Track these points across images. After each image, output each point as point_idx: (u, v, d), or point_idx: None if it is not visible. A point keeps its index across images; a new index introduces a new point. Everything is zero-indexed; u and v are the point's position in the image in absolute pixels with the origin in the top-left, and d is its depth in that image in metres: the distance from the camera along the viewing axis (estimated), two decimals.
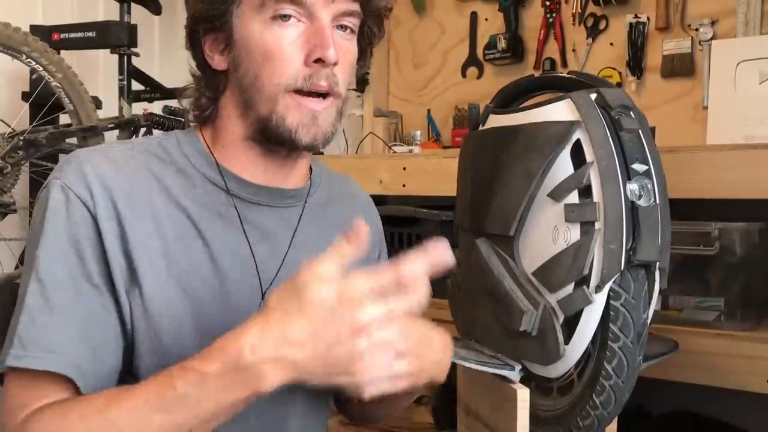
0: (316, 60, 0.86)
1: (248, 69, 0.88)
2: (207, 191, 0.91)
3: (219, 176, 0.92)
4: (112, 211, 0.84)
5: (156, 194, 0.88)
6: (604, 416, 0.97)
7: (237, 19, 0.88)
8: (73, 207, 0.83)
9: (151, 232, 0.86)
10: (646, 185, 0.95)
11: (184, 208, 0.89)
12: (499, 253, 1.09)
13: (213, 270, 0.89)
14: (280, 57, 0.86)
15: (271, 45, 0.86)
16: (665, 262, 0.97)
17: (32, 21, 2.05)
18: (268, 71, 0.86)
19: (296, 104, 0.87)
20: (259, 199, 0.93)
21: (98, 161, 0.87)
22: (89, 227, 0.83)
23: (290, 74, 0.86)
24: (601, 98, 0.99)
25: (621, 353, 0.94)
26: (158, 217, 0.87)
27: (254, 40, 0.87)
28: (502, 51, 2.09)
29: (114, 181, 0.86)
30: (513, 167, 1.07)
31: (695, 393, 1.38)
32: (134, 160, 0.89)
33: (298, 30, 0.86)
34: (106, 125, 1.92)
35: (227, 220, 0.91)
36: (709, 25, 1.78)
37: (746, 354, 1.21)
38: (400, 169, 1.67)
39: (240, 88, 0.90)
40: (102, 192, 0.84)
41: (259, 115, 0.89)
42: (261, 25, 0.86)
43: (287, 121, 0.87)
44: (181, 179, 0.90)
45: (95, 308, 0.83)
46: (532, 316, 1.00)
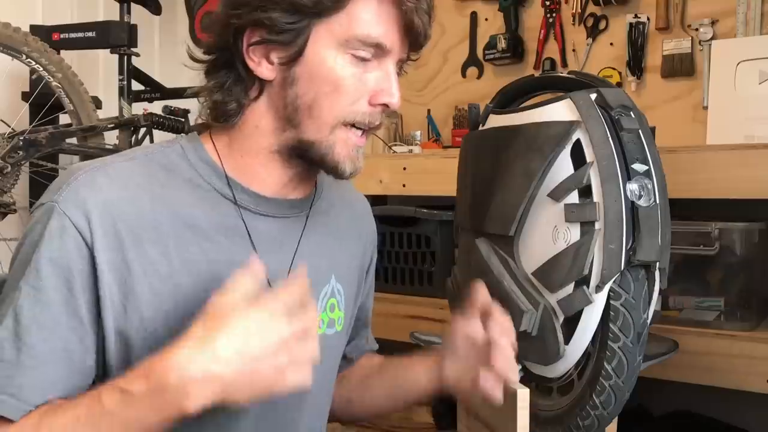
0: (381, 103, 0.87)
1: (307, 92, 0.87)
2: (215, 203, 0.89)
3: (227, 188, 0.90)
4: (114, 238, 0.82)
5: (161, 212, 0.85)
6: (604, 416, 0.97)
7: (312, 41, 0.86)
8: (68, 236, 0.80)
9: (155, 256, 0.84)
10: (646, 185, 0.95)
11: (191, 224, 0.87)
12: (499, 253, 1.09)
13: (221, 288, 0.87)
14: (347, 92, 0.86)
15: (344, 80, 0.86)
16: (665, 262, 0.97)
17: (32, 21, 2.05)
18: (330, 101, 0.86)
19: (346, 137, 0.88)
20: (265, 210, 0.92)
21: (100, 182, 0.83)
22: (83, 258, 0.81)
23: (353, 110, 0.87)
24: (601, 98, 0.99)
25: (621, 353, 0.94)
26: (163, 238, 0.85)
27: (326, 68, 0.86)
28: (502, 51, 2.09)
29: (116, 204, 0.83)
30: (513, 167, 1.07)
31: (695, 393, 1.38)
32: (137, 175, 0.86)
33: (368, 68, 0.87)
34: (106, 125, 1.92)
35: (235, 232, 0.90)
36: (709, 25, 1.78)
37: (746, 354, 1.21)
38: (400, 169, 1.67)
39: (286, 105, 0.88)
40: (102, 219, 0.82)
41: (303, 137, 0.88)
42: (338, 57, 0.86)
43: (335, 151, 0.88)
44: (188, 191, 0.88)
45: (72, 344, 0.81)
46: (532, 316, 1.00)
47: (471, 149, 1.21)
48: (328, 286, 0.99)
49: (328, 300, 0.99)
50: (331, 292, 0.99)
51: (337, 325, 1.00)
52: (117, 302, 0.82)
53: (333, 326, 0.99)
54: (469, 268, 1.18)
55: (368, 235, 1.10)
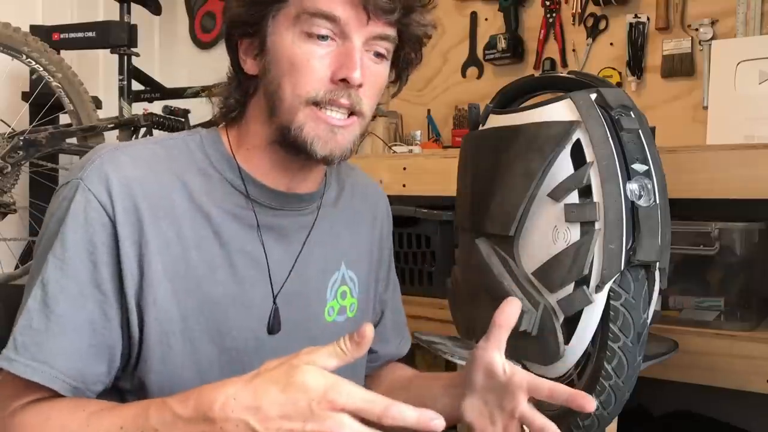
0: (341, 79, 0.86)
1: (275, 77, 0.89)
2: (227, 194, 0.92)
3: (240, 180, 0.93)
4: (133, 215, 0.85)
5: (178, 195, 0.89)
6: (604, 416, 0.97)
7: (272, 28, 0.89)
8: (92, 210, 0.84)
9: (171, 236, 0.87)
10: (646, 185, 0.95)
11: (205, 211, 0.90)
12: (499, 253, 1.09)
13: (230, 273, 0.90)
14: (305, 69, 0.87)
15: (300, 57, 0.87)
16: (665, 262, 0.97)
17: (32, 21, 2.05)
18: (291, 82, 0.87)
19: (314, 116, 0.87)
20: (276, 204, 0.94)
21: (123, 160, 0.87)
22: (107, 232, 0.84)
23: (312, 87, 0.86)
24: (601, 98, 0.99)
25: (621, 353, 0.94)
26: (179, 219, 0.88)
27: (284, 50, 0.88)
28: (502, 51, 2.09)
29: (137, 181, 0.86)
30: (513, 167, 1.07)
31: (695, 393, 1.38)
32: (158, 157, 0.90)
33: (329, 48, 0.87)
34: (106, 125, 1.92)
35: (245, 222, 0.92)
36: (709, 25, 1.78)
37: (746, 354, 1.21)
38: (400, 169, 1.67)
39: (266, 95, 0.91)
40: (123, 195, 0.85)
41: (281, 122, 0.89)
42: (293, 37, 0.87)
43: (304, 131, 0.87)
44: (202, 180, 0.91)
45: (96, 316, 0.84)
46: (532, 316, 1.00)
47: (471, 149, 1.21)
48: (338, 273, 1.01)
49: (338, 288, 1.01)
50: (341, 279, 1.02)
51: (349, 312, 1.02)
52: (136, 276, 0.85)
53: (344, 313, 1.02)
54: (469, 268, 1.18)
55: (383, 220, 1.12)
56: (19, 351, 0.80)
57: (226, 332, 0.90)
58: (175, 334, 0.87)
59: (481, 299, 1.13)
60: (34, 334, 0.81)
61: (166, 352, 0.87)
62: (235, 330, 0.91)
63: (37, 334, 0.81)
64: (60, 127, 1.89)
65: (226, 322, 0.90)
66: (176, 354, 0.87)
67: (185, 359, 0.88)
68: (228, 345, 0.91)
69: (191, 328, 0.88)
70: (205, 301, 0.89)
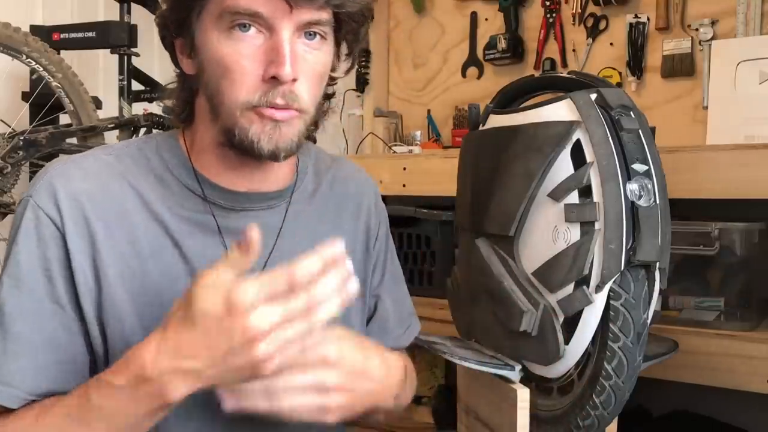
0: (272, 77, 0.82)
1: (210, 79, 0.86)
2: (184, 199, 0.90)
3: (196, 183, 0.90)
4: (84, 227, 0.84)
5: (132, 205, 0.87)
6: (605, 416, 0.97)
7: (198, 27, 0.86)
8: (42, 226, 0.83)
9: (126, 248, 0.85)
10: (646, 185, 0.95)
11: (161, 219, 0.88)
12: (499, 253, 1.09)
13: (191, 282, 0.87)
14: (237, 72, 0.83)
15: (228, 59, 0.83)
16: (665, 262, 0.97)
17: (32, 21, 2.05)
18: (227, 86, 0.84)
19: (257, 117, 0.84)
20: (238, 205, 0.91)
21: (71, 174, 0.86)
22: (58, 246, 0.83)
23: (247, 91, 0.83)
24: (601, 98, 0.99)
25: (621, 353, 0.94)
26: (134, 230, 0.86)
27: (213, 50, 0.84)
28: (502, 51, 2.08)
29: (87, 194, 0.85)
30: (513, 167, 1.07)
31: (695, 393, 1.38)
32: (110, 168, 0.88)
33: (256, 42, 0.83)
34: (106, 125, 1.92)
35: (205, 228, 0.90)
36: (709, 25, 1.78)
37: (746, 354, 1.21)
38: (400, 169, 1.67)
39: (206, 96, 0.88)
40: (72, 208, 0.83)
41: (224, 125, 0.86)
42: (218, 35, 0.83)
43: (249, 132, 0.84)
44: (159, 186, 0.89)
45: (59, 332, 0.82)
46: (532, 316, 1.00)
47: (471, 149, 1.21)
48: None
49: None
50: None
51: None
52: (93, 290, 0.84)
53: None
54: (469, 268, 1.18)
55: (369, 211, 1.08)
56: None
57: None
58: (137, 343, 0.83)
59: (481, 299, 1.13)
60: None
61: None
62: None
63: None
64: (60, 127, 1.89)
65: None
66: None
67: None
68: None
69: None
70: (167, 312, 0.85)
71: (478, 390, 1.14)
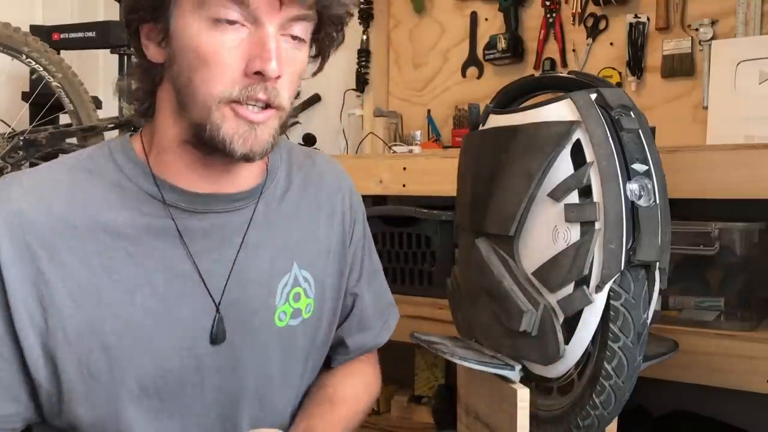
0: (256, 72, 0.79)
1: (183, 70, 0.81)
2: (142, 203, 0.85)
3: (155, 188, 0.85)
4: (24, 252, 0.79)
5: (79, 218, 0.82)
6: (605, 416, 0.97)
7: (175, 12, 0.80)
8: None
9: (75, 266, 0.81)
10: (646, 185, 0.95)
11: (115, 230, 0.83)
12: (499, 253, 1.09)
13: (150, 293, 0.84)
14: (216, 64, 0.78)
15: (208, 49, 0.78)
16: (665, 262, 0.97)
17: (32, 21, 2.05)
18: (202, 77, 0.79)
19: (232, 114, 0.80)
20: (200, 208, 0.87)
21: (12, 195, 0.81)
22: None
23: (226, 84, 0.79)
24: (601, 98, 0.99)
25: (621, 353, 0.94)
26: (84, 245, 0.81)
27: (190, 39, 0.79)
28: (502, 51, 2.08)
29: (26, 214, 0.80)
30: (513, 167, 1.07)
31: (695, 393, 1.38)
32: (58, 182, 0.83)
33: (239, 35, 0.79)
34: (106, 125, 1.92)
35: (165, 234, 0.85)
36: (709, 25, 1.78)
37: (746, 354, 1.21)
38: (400, 169, 1.67)
39: (175, 88, 0.83)
40: (10, 232, 0.79)
41: (193, 120, 0.82)
42: (200, 24, 0.79)
43: (222, 131, 0.80)
44: (113, 194, 0.84)
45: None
46: (532, 316, 1.00)
47: (471, 149, 1.21)
48: (289, 275, 0.94)
49: (290, 290, 0.94)
50: (293, 281, 0.94)
51: (305, 313, 0.95)
52: (38, 317, 0.79)
53: (299, 315, 0.95)
54: (469, 268, 1.18)
55: (344, 210, 1.04)
56: None
57: (157, 353, 0.83)
58: (96, 363, 0.81)
59: (480, 299, 1.13)
60: None
61: (91, 385, 0.81)
62: (167, 350, 0.84)
63: None
64: (60, 127, 1.89)
65: (154, 343, 0.83)
66: (103, 385, 0.81)
67: (114, 389, 0.82)
68: (164, 366, 0.84)
69: (116, 357, 0.81)
70: (127, 326, 0.82)
71: (478, 390, 1.14)
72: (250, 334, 0.90)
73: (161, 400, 0.84)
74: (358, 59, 2.30)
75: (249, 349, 0.90)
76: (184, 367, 0.86)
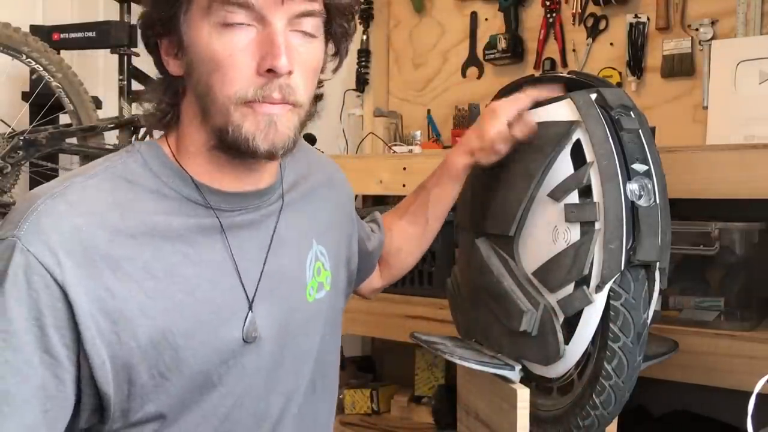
0: (268, 70, 0.80)
1: (200, 77, 0.83)
2: (185, 207, 0.86)
3: (195, 192, 0.87)
4: (87, 268, 0.78)
5: (134, 226, 0.82)
6: (605, 416, 0.97)
7: (186, 24, 0.83)
8: (34, 274, 0.75)
9: (138, 275, 0.81)
10: (646, 185, 0.95)
11: (166, 234, 0.84)
12: (499, 253, 1.09)
13: (208, 288, 0.86)
14: (229, 66, 0.80)
15: (220, 53, 0.80)
16: (665, 262, 0.97)
17: (32, 21, 2.05)
18: (218, 81, 0.81)
19: (251, 112, 0.82)
20: (237, 206, 0.90)
21: (61, 210, 0.79)
22: (53, 296, 0.76)
23: (241, 85, 0.81)
24: (601, 98, 0.99)
25: (621, 353, 0.94)
26: (141, 253, 0.81)
27: (203, 46, 0.81)
28: (502, 51, 2.08)
29: (83, 230, 0.78)
30: (513, 167, 1.07)
31: (695, 393, 1.38)
32: (101, 193, 0.82)
33: (248, 35, 0.81)
34: (106, 125, 1.92)
35: (212, 232, 0.87)
36: (709, 25, 1.78)
37: (746, 354, 1.21)
38: (400, 169, 1.67)
39: (196, 96, 0.85)
40: (70, 251, 0.77)
41: (215, 125, 0.84)
42: (209, 30, 0.81)
43: (244, 129, 0.82)
44: (156, 201, 0.85)
45: (47, 380, 0.77)
46: (532, 316, 1.00)
47: None
48: (312, 251, 0.99)
49: (315, 264, 0.99)
50: (315, 256, 0.99)
51: (326, 286, 1.01)
52: (107, 331, 0.78)
53: (322, 289, 1.00)
54: (469, 268, 1.18)
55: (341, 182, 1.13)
56: None
57: (220, 345, 0.86)
58: (166, 364, 0.82)
59: (481, 299, 1.14)
60: None
61: (160, 383, 0.82)
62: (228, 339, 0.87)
63: None
64: (60, 127, 1.89)
65: (218, 335, 0.86)
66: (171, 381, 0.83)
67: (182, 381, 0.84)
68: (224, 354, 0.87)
69: (184, 356, 0.83)
70: (193, 326, 0.84)
71: (478, 390, 1.14)
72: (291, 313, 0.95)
73: (223, 385, 0.88)
74: (358, 59, 2.30)
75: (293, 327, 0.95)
76: (243, 352, 0.89)
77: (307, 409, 0.97)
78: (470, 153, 1.12)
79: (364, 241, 1.16)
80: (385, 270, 1.24)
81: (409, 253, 1.23)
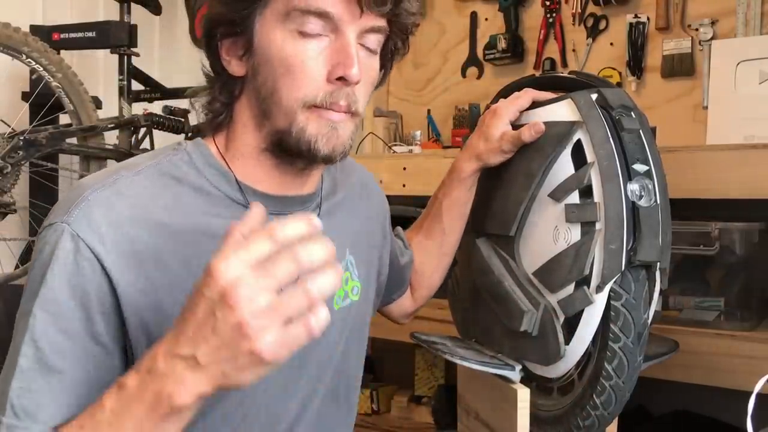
0: (338, 78, 0.83)
1: (267, 79, 0.85)
2: (227, 208, 0.88)
3: (238, 193, 0.88)
4: (132, 260, 0.79)
5: (178, 223, 0.83)
6: (605, 416, 0.97)
7: (259, 26, 0.85)
8: (83, 260, 0.77)
9: (178, 270, 0.82)
10: (646, 185, 0.95)
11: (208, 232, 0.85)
12: (499, 253, 1.09)
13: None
14: (301, 71, 0.83)
15: (293, 58, 0.83)
16: (666, 263, 0.97)
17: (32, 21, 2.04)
18: (287, 84, 0.84)
19: (316, 116, 0.84)
20: (279, 210, 0.90)
21: (112, 201, 0.81)
22: (100, 282, 0.78)
23: (310, 90, 0.84)
24: (602, 98, 0.99)
25: (621, 353, 0.94)
26: (184, 249, 0.83)
27: (275, 50, 0.84)
28: (502, 51, 2.08)
29: (131, 223, 0.80)
30: (513, 167, 1.07)
31: (695, 393, 1.38)
32: (148, 188, 0.84)
33: (321, 44, 0.84)
34: (106, 125, 1.92)
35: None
36: (709, 25, 1.78)
37: (746, 354, 1.21)
38: (400, 169, 1.67)
39: (258, 98, 0.87)
40: (118, 241, 0.79)
41: (277, 127, 0.86)
42: (284, 35, 0.83)
43: (307, 132, 0.84)
44: (200, 200, 0.87)
45: (97, 367, 0.79)
46: (533, 316, 1.00)
47: None
48: (344, 261, 1.00)
49: (344, 275, 1.00)
50: (345, 266, 1.00)
51: (352, 296, 1.01)
52: (150, 324, 0.80)
53: (347, 297, 1.00)
54: (469, 268, 1.18)
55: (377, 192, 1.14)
56: (19, 416, 0.75)
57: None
58: None
59: (481, 299, 1.14)
60: (34, 396, 0.76)
61: None
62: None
63: (38, 394, 0.76)
64: (60, 127, 1.89)
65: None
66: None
67: None
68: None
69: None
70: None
71: (478, 390, 1.15)
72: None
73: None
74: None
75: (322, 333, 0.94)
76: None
77: (326, 417, 0.97)
78: (477, 156, 1.12)
79: (397, 255, 1.17)
80: (415, 291, 1.24)
81: (433, 269, 1.22)
